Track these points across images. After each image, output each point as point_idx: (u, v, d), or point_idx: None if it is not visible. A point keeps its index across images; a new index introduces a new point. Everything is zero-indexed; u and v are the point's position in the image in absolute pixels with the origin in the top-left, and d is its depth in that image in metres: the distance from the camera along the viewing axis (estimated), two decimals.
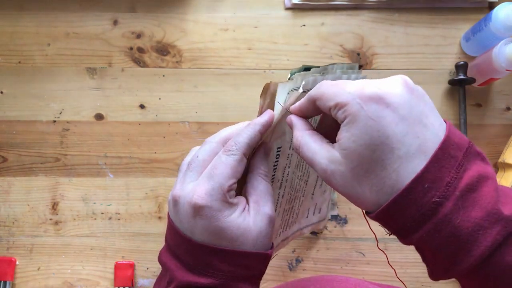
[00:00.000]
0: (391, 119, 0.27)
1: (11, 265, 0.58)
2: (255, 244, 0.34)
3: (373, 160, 0.27)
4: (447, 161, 0.27)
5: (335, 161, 0.29)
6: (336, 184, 0.30)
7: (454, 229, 0.27)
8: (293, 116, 0.34)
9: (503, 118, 0.61)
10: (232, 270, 0.33)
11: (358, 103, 0.27)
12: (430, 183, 0.27)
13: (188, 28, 0.63)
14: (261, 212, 0.34)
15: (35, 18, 0.62)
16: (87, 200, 0.60)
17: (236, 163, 0.33)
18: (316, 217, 0.53)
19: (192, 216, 0.33)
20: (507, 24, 0.54)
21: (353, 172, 0.28)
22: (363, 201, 0.29)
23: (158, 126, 0.61)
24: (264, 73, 0.62)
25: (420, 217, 0.27)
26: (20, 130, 0.61)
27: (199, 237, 0.33)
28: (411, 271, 0.59)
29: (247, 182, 0.36)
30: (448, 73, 0.62)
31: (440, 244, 0.27)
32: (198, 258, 0.33)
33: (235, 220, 0.33)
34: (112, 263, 0.59)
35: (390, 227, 0.29)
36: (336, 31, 0.62)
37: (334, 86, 0.30)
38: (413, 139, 0.27)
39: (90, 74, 0.62)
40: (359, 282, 0.45)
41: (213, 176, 0.33)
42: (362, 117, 0.27)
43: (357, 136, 0.27)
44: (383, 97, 0.27)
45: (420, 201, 0.27)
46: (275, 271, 0.59)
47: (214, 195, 0.32)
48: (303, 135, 0.32)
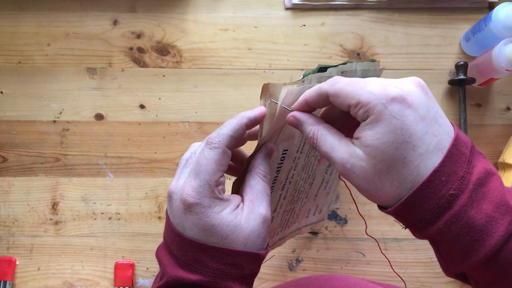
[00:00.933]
0: (413, 118, 0.28)
1: (11, 265, 0.58)
2: (246, 243, 0.34)
3: (396, 158, 0.28)
4: (459, 157, 0.29)
5: (356, 156, 0.30)
6: (355, 178, 0.30)
7: (469, 220, 0.28)
8: (296, 112, 0.34)
9: (503, 118, 0.61)
10: (220, 268, 0.33)
11: (382, 103, 0.28)
12: (446, 176, 0.28)
13: (188, 28, 0.63)
14: (255, 212, 0.34)
15: (35, 18, 0.62)
16: (87, 200, 0.60)
17: (219, 156, 0.33)
18: (316, 217, 0.53)
19: (183, 211, 0.33)
20: (507, 24, 0.54)
21: (375, 168, 0.29)
22: (381, 195, 0.30)
23: (158, 126, 0.61)
24: (264, 73, 0.62)
25: (438, 209, 0.28)
26: (20, 130, 0.61)
27: (189, 233, 0.33)
28: (411, 271, 0.59)
29: (245, 181, 0.36)
30: (448, 73, 0.62)
31: (456, 236, 0.28)
32: (188, 254, 0.33)
33: (225, 217, 0.33)
34: (112, 263, 0.59)
35: (407, 220, 0.30)
36: (336, 31, 0.62)
37: (354, 84, 0.30)
38: (432, 137, 0.29)
39: (90, 74, 0.62)
40: (358, 281, 0.45)
41: (198, 172, 0.33)
42: (386, 116, 0.28)
43: (382, 134, 0.28)
44: (405, 98, 0.29)
45: (438, 194, 0.28)
46: (275, 271, 0.59)
47: (202, 192, 0.32)
48: (319, 129, 0.33)
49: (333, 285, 0.44)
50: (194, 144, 0.38)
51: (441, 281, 0.59)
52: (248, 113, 0.35)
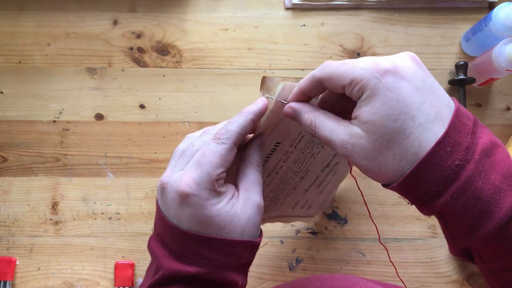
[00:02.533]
0: (408, 89, 0.28)
1: (11, 265, 0.58)
2: (243, 232, 0.34)
3: (395, 130, 0.28)
4: (462, 128, 0.28)
5: (356, 135, 0.29)
6: (357, 157, 0.30)
7: (476, 191, 0.27)
8: (293, 103, 0.34)
9: (503, 118, 0.61)
10: (219, 258, 0.33)
11: (376, 77, 0.28)
12: (451, 147, 0.28)
13: (188, 28, 0.63)
14: (251, 200, 0.34)
15: (35, 18, 0.62)
16: (87, 200, 0.60)
17: (225, 152, 0.33)
18: (304, 211, 0.53)
19: (179, 204, 0.32)
20: (507, 24, 0.54)
21: (376, 143, 0.29)
22: (385, 172, 0.29)
23: (158, 126, 0.61)
24: (264, 73, 0.62)
25: (444, 181, 0.28)
26: (20, 130, 0.61)
27: (186, 225, 0.33)
28: (411, 271, 0.59)
29: (239, 170, 0.36)
30: (448, 73, 0.62)
31: (464, 208, 0.28)
32: (185, 246, 0.33)
33: (222, 207, 0.33)
34: (112, 263, 0.59)
35: (413, 195, 0.30)
36: (336, 31, 0.62)
37: (345, 65, 0.30)
38: (430, 107, 0.28)
39: (90, 74, 0.62)
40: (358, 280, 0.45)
41: (201, 164, 0.32)
42: (381, 90, 0.28)
43: (378, 108, 0.28)
44: (398, 70, 0.28)
45: (443, 165, 0.28)
46: (275, 271, 0.59)
47: (202, 183, 0.32)
48: (316, 116, 0.33)
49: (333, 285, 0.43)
50: (190, 135, 0.37)
51: (441, 281, 0.59)
52: (253, 108, 0.35)
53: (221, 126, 0.35)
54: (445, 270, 0.58)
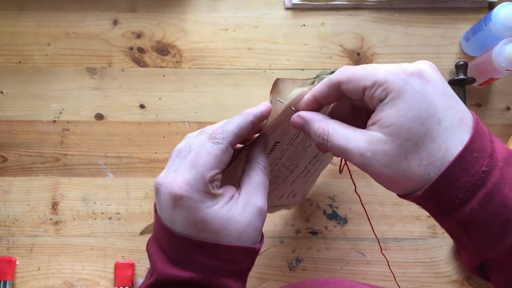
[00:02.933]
0: (434, 93, 0.28)
1: (11, 265, 0.58)
2: (241, 236, 0.32)
3: (423, 133, 0.27)
4: (483, 135, 0.28)
5: (377, 141, 0.28)
6: (376, 165, 0.28)
7: (503, 198, 0.27)
8: (302, 112, 0.33)
9: (503, 118, 0.61)
10: (214, 264, 0.31)
11: (402, 78, 0.28)
12: (477, 152, 0.27)
13: (188, 28, 0.63)
14: (251, 204, 0.33)
15: (35, 18, 0.62)
16: (87, 200, 0.60)
17: (221, 153, 0.32)
18: (288, 200, 0.53)
19: (172, 206, 0.31)
20: (507, 24, 0.54)
21: (401, 148, 0.28)
22: (408, 179, 0.28)
23: (158, 126, 0.61)
24: (264, 73, 0.62)
25: (472, 187, 0.27)
26: (20, 130, 0.61)
27: (179, 228, 0.31)
28: (411, 271, 0.59)
29: (244, 172, 0.35)
30: (448, 73, 0.62)
31: (490, 215, 0.27)
32: (179, 250, 0.32)
33: (218, 211, 0.31)
34: (112, 263, 0.59)
35: (438, 203, 0.28)
36: (336, 31, 0.62)
37: (366, 67, 0.29)
38: (454, 112, 0.28)
39: (90, 74, 0.62)
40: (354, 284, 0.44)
41: (195, 165, 0.31)
42: (408, 91, 0.27)
43: (405, 110, 0.27)
44: (423, 73, 0.28)
45: (471, 171, 0.27)
46: (275, 271, 0.59)
47: (195, 185, 0.30)
48: (329, 124, 0.31)
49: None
50: (189, 135, 0.36)
51: (441, 281, 0.59)
52: (254, 110, 0.34)
53: (219, 125, 0.34)
54: (445, 270, 0.58)
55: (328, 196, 0.60)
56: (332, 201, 0.60)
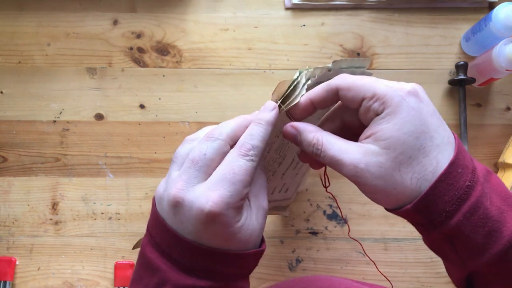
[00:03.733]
0: (427, 112, 0.30)
1: (11, 265, 0.58)
2: (256, 242, 0.33)
3: (417, 147, 0.29)
4: (465, 153, 0.30)
5: (372, 153, 0.29)
6: (369, 177, 0.30)
7: (485, 211, 0.29)
8: (295, 123, 0.34)
9: (503, 118, 0.61)
10: (233, 271, 0.32)
11: (400, 95, 0.29)
12: (462, 168, 0.29)
13: (188, 28, 0.63)
14: (261, 208, 0.33)
15: (35, 18, 0.62)
16: (87, 200, 0.60)
17: (254, 170, 0.32)
18: (281, 195, 0.53)
19: (203, 222, 0.30)
20: (507, 24, 0.54)
21: (396, 160, 0.29)
22: (400, 192, 0.30)
23: (158, 126, 0.61)
24: (264, 73, 0.62)
25: (457, 200, 0.29)
26: (20, 130, 0.61)
27: (205, 242, 0.31)
28: (411, 271, 0.59)
29: None
30: (448, 73, 0.62)
31: (475, 227, 0.29)
32: (198, 261, 0.31)
33: (244, 223, 0.32)
34: (112, 263, 0.59)
35: (426, 217, 0.30)
36: (336, 31, 0.62)
37: (366, 79, 0.31)
38: (444, 131, 0.30)
39: (90, 74, 0.62)
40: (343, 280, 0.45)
41: (233, 182, 0.30)
42: (405, 107, 0.29)
43: (401, 125, 0.29)
44: (418, 93, 0.30)
45: (456, 185, 0.29)
46: (275, 271, 0.59)
47: (232, 203, 0.30)
48: (323, 135, 0.32)
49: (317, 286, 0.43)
50: (189, 138, 0.34)
51: (441, 281, 0.59)
52: (269, 118, 0.33)
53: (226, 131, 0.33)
54: (445, 270, 0.58)
55: (328, 196, 0.60)
56: (332, 201, 0.60)
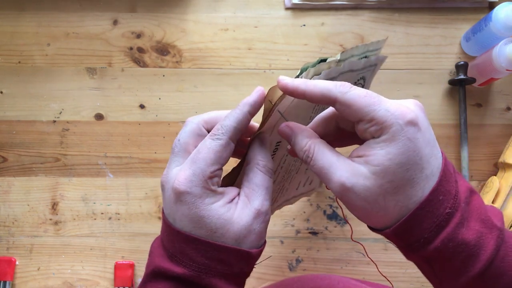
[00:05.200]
0: (422, 142, 0.29)
1: (11, 265, 0.58)
2: (238, 238, 0.32)
3: (405, 179, 0.28)
4: (450, 176, 0.30)
5: (360, 175, 0.29)
6: (353, 198, 0.29)
7: (463, 237, 0.29)
8: (291, 123, 0.33)
9: (503, 118, 0.61)
10: (206, 263, 0.32)
11: (399, 124, 0.28)
12: (443, 195, 0.29)
13: (188, 28, 0.63)
14: (249, 206, 0.33)
15: (35, 18, 0.62)
16: (87, 200, 0.60)
17: (221, 148, 0.32)
18: (306, 188, 0.53)
19: (174, 201, 0.32)
20: (507, 24, 0.54)
21: (382, 188, 0.28)
22: (382, 216, 0.29)
23: (158, 126, 0.61)
24: (264, 73, 0.62)
25: (436, 227, 0.29)
26: (20, 130, 0.61)
27: (179, 224, 0.32)
28: (411, 271, 0.59)
29: (244, 174, 0.35)
30: (448, 73, 0.62)
31: (453, 253, 0.29)
32: (176, 245, 0.32)
33: (216, 209, 0.31)
34: (112, 263, 0.59)
35: (404, 241, 0.30)
36: (336, 31, 0.62)
37: (369, 98, 0.29)
38: (435, 160, 0.29)
39: (90, 74, 0.62)
40: (342, 279, 0.45)
41: (195, 161, 0.31)
42: (401, 138, 0.28)
43: (394, 155, 0.28)
44: (418, 122, 0.29)
45: (436, 213, 0.29)
46: (275, 271, 0.59)
47: (195, 181, 0.31)
48: (315, 143, 0.31)
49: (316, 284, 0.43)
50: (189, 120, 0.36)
51: None
52: (249, 100, 0.34)
53: (204, 115, 0.35)
54: None
55: (328, 197, 0.60)
56: (332, 201, 0.60)
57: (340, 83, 0.30)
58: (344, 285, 0.43)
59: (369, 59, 0.38)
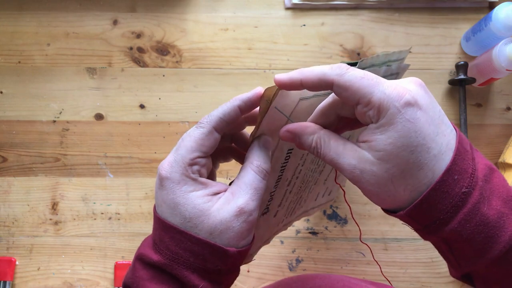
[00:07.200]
0: (424, 121, 0.28)
1: (11, 265, 0.58)
2: (212, 232, 0.31)
3: (411, 161, 0.28)
4: (465, 154, 0.29)
5: (366, 161, 0.29)
6: (365, 183, 0.29)
7: (483, 217, 0.28)
8: (290, 125, 0.33)
9: (503, 118, 0.61)
10: (179, 252, 0.31)
11: (395, 106, 0.27)
12: (458, 174, 0.28)
13: (188, 28, 0.62)
14: (231, 203, 0.32)
15: (35, 18, 0.62)
16: (87, 200, 0.60)
17: (202, 136, 0.33)
18: (325, 198, 0.53)
19: (158, 187, 0.33)
20: (507, 24, 0.54)
21: (388, 173, 0.28)
22: (394, 199, 0.29)
23: (158, 126, 0.61)
24: (264, 73, 0.62)
25: (452, 208, 0.28)
26: (20, 130, 0.61)
27: (159, 210, 0.33)
28: (411, 271, 0.59)
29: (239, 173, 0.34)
30: (448, 73, 0.62)
31: (471, 234, 0.28)
32: (156, 233, 0.33)
33: (193, 198, 0.31)
34: (112, 263, 0.59)
35: (420, 223, 0.29)
36: (336, 31, 0.62)
37: (366, 80, 0.28)
38: (442, 138, 0.28)
39: (90, 74, 0.62)
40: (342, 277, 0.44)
41: (178, 148, 0.33)
42: (399, 120, 0.27)
43: (395, 139, 0.27)
44: (416, 101, 0.28)
45: (451, 193, 0.28)
46: (275, 271, 0.59)
47: (175, 167, 0.32)
48: (320, 136, 0.31)
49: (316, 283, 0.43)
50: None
51: (441, 281, 0.59)
52: (242, 95, 0.34)
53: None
54: (445, 270, 0.58)
55: None
56: (332, 201, 0.60)
57: (336, 65, 0.30)
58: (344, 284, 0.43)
59: (390, 67, 0.38)
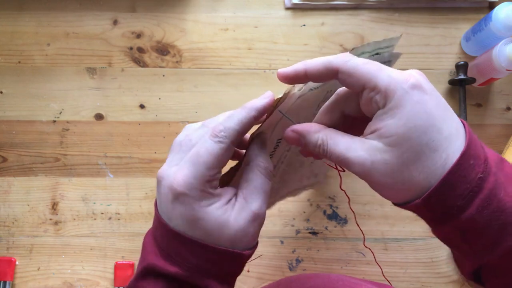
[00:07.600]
0: (432, 104, 0.28)
1: (11, 265, 0.58)
2: (233, 241, 0.32)
3: (424, 142, 0.27)
4: (476, 141, 0.29)
5: (377, 150, 0.28)
6: (376, 175, 0.28)
7: (499, 203, 0.27)
8: (295, 126, 0.33)
9: (503, 118, 0.61)
10: (200, 264, 0.31)
11: (403, 88, 0.27)
12: (473, 159, 0.28)
13: (188, 28, 0.62)
14: (246, 209, 0.32)
15: (35, 18, 0.62)
16: (87, 200, 0.60)
17: (222, 152, 0.31)
18: (311, 180, 0.53)
19: (170, 201, 0.31)
20: (507, 24, 0.54)
21: (403, 157, 0.27)
22: (409, 187, 0.28)
23: (158, 126, 0.61)
24: (264, 73, 0.62)
25: (469, 194, 0.27)
26: (20, 130, 0.61)
27: (174, 223, 0.31)
28: (411, 271, 0.59)
29: (243, 175, 0.34)
30: (448, 73, 0.62)
31: (488, 220, 0.27)
32: (170, 244, 0.32)
33: (213, 212, 0.31)
34: (112, 263, 0.59)
35: (436, 211, 0.29)
36: (336, 31, 0.62)
37: (370, 65, 0.29)
38: (451, 121, 0.28)
39: (90, 74, 0.62)
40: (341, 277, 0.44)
41: (195, 163, 0.31)
42: (408, 101, 0.27)
43: (407, 120, 0.27)
44: (422, 85, 0.28)
45: (468, 177, 0.27)
46: (275, 271, 0.59)
47: (194, 183, 0.30)
48: (325, 134, 0.31)
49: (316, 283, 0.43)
50: (189, 126, 0.35)
51: (441, 281, 0.59)
52: (257, 104, 0.33)
53: (220, 119, 0.33)
54: (445, 270, 0.58)
55: (328, 196, 0.60)
56: (332, 201, 0.60)
57: (340, 54, 0.30)
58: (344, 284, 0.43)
59: (381, 55, 0.38)
